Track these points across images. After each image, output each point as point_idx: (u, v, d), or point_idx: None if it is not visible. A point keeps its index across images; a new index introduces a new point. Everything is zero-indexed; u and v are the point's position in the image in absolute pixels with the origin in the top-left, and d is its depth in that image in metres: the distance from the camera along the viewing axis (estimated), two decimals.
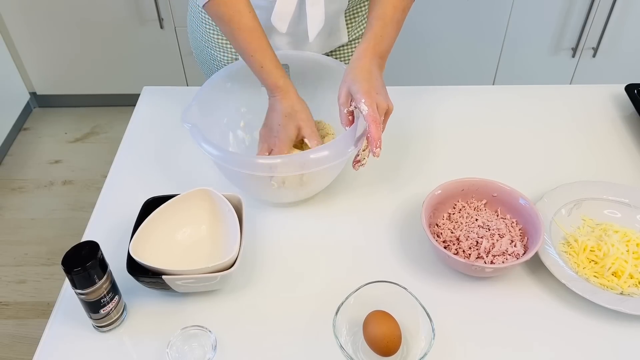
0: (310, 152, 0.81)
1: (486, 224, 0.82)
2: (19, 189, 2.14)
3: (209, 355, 0.71)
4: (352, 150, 0.81)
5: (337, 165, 0.84)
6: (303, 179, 0.84)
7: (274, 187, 0.84)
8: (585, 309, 0.76)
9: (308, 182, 0.85)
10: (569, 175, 0.95)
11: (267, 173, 0.81)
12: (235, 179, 0.88)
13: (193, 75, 2.31)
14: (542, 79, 2.20)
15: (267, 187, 0.85)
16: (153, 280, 0.73)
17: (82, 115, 2.47)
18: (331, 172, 0.88)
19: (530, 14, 2.02)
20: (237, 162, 0.81)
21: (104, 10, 2.11)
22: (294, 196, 0.89)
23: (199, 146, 0.82)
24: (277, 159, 0.82)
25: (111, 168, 0.99)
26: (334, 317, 0.69)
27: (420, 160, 1.00)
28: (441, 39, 2.10)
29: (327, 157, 0.80)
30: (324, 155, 0.80)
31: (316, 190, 0.91)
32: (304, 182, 0.85)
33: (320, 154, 0.80)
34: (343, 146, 0.81)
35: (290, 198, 0.90)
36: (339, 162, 0.82)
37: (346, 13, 1.07)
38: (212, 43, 1.10)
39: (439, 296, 0.78)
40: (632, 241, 0.81)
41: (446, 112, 1.10)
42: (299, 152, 0.88)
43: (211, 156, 0.81)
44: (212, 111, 0.94)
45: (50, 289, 1.79)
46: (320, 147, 0.82)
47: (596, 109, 1.11)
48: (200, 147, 0.82)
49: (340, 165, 0.87)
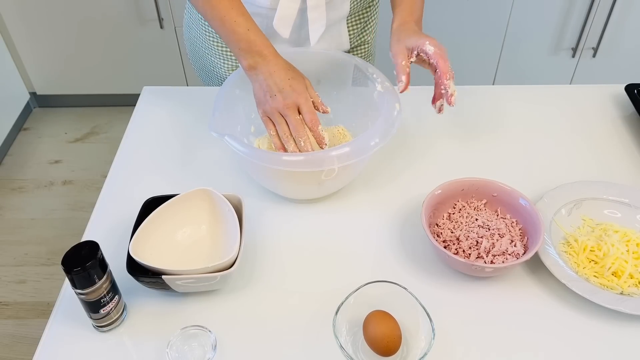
0: (363, 139, 0.81)
1: (486, 224, 0.82)
2: (19, 189, 2.14)
3: (209, 355, 0.71)
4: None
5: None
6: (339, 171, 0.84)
7: (322, 180, 0.84)
8: (585, 309, 0.76)
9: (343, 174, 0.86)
10: (569, 175, 0.95)
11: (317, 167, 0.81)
12: (269, 174, 0.87)
13: (193, 76, 2.31)
14: (542, 79, 2.19)
15: (311, 182, 0.85)
16: (153, 280, 0.73)
17: (82, 115, 2.47)
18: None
19: (530, 14, 2.02)
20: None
21: (104, 10, 2.11)
22: (325, 191, 0.90)
23: (234, 149, 0.82)
24: (344, 147, 0.80)
25: (111, 168, 0.99)
26: (334, 317, 0.69)
27: (420, 160, 1.00)
28: (441, 38, 2.09)
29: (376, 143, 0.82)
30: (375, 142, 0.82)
31: (344, 182, 0.92)
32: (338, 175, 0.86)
33: (372, 140, 0.81)
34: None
35: (317, 194, 0.91)
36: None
37: (348, 20, 1.07)
38: (213, 51, 1.09)
39: (439, 296, 0.78)
40: (632, 241, 0.81)
41: (446, 112, 1.10)
42: (350, 141, 0.86)
43: (246, 155, 0.81)
44: (229, 118, 0.93)
45: (50, 289, 1.79)
46: (367, 135, 0.82)
47: (596, 109, 1.11)
48: (235, 150, 0.82)
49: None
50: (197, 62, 1.17)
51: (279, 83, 0.84)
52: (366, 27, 1.12)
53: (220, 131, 0.84)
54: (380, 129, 0.83)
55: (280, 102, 0.83)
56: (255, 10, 0.95)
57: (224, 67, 1.11)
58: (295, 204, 0.92)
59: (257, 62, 0.85)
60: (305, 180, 0.86)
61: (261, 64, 0.85)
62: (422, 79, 1.03)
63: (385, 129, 0.83)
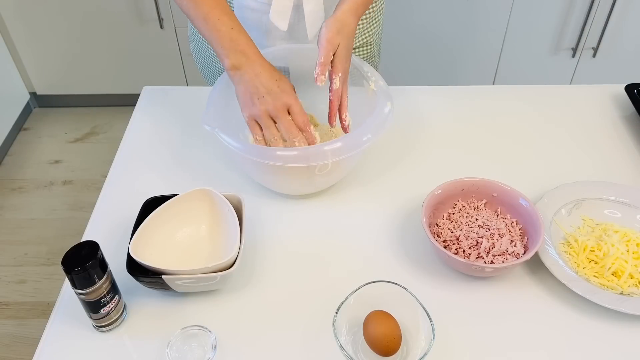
0: (357, 134, 0.82)
1: (486, 224, 0.82)
2: (19, 189, 2.14)
3: (209, 355, 0.71)
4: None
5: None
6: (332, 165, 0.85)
7: (317, 174, 0.85)
8: (585, 309, 0.76)
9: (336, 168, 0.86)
10: (569, 175, 0.95)
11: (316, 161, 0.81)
12: (262, 170, 0.87)
13: (193, 75, 2.31)
14: (542, 79, 2.19)
15: (304, 176, 0.85)
16: (153, 280, 0.73)
17: (82, 115, 2.47)
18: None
19: (530, 14, 2.02)
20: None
21: (104, 10, 2.11)
22: (318, 186, 0.91)
23: (226, 143, 0.82)
24: (336, 142, 0.80)
25: (111, 168, 0.99)
26: (334, 316, 0.69)
27: (420, 160, 1.00)
28: (441, 39, 2.10)
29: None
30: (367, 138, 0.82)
31: (335, 179, 0.92)
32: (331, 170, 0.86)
33: (365, 136, 0.82)
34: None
35: (311, 189, 0.91)
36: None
37: None
38: None
39: (439, 296, 0.78)
40: (632, 241, 0.81)
41: (446, 112, 1.10)
42: (344, 135, 0.86)
43: (238, 150, 0.82)
44: (223, 113, 0.93)
45: (50, 289, 1.79)
46: (359, 130, 0.82)
47: (596, 109, 1.11)
48: (227, 144, 0.82)
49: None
50: (199, 58, 1.17)
51: (267, 84, 0.82)
52: (369, 28, 1.11)
53: (213, 124, 0.84)
54: (372, 125, 0.84)
55: (270, 103, 0.82)
56: (249, 4, 0.94)
57: None
58: (295, 204, 0.92)
59: (241, 63, 0.83)
60: (298, 175, 0.86)
61: (245, 65, 0.83)
62: (423, 78, 1.03)
63: (377, 125, 0.84)
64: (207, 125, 0.84)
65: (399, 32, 2.08)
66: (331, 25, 0.83)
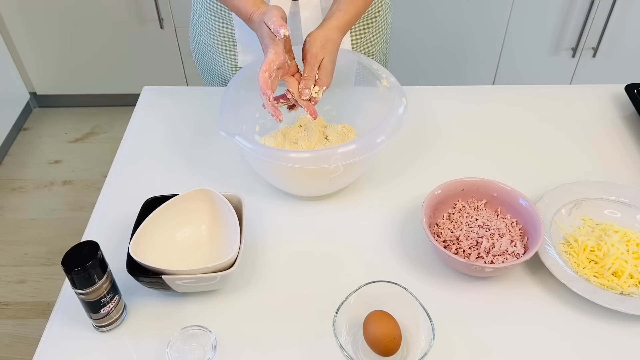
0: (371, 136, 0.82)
1: (486, 224, 0.82)
2: (19, 189, 2.14)
3: (209, 355, 0.71)
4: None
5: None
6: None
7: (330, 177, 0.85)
8: (585, 309, 0.76)
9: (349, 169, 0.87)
10: (569, 175, 0.95)
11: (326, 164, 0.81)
12: (277, 172, 0.88)
13: (193, 76, 2.31)
14: (542, 79, 2.20)
15: (320, 179, 0.86)
16: (153, 280, 0.73)
17: (82, 115, 2.47)
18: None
19: (530, 14, 2.02)
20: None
21: (103, 10, 2.11)
22: (332, 187, 0.91)
23: (246, 149, 0.83)
24: (350, 145, 0.81)
25: (111, 168, 0.99)
26: (334, 316, 0.69)
27: (421, 160, 1.00)
28: (441, 39, 2.10)
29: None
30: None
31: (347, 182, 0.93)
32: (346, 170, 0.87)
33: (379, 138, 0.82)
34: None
35: (325, 190, 0.92)
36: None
37: (352, 31, 1.06)
38: (214, 48, 1.10)
39: (439, 296, 0.78)
40: (632, 241, 0.81)
41: (446, 112, 1.10)
42: (356, 138, 0.87)
43: (258, 154, 0.83)
44: (236, 118, 0.93)
45: (50, 289, 1.79)
46: (374, 132, 0.83)
47: (596, 109, 1.11)
48: (248, 150, 0.83)
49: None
50: (200, 61, 1.17)
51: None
52: (372, 38, 1.11)
53: (229, 131, 0.84)
54: (387, 125, 0.83)
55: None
56: None
57: (225, 66, 1.11)
58: (294, 204, 0.92)
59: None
60: (313, 177, 0.87)
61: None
62: (423, 78, 1.03)
63: (392, 125, 0.84)
64: (224, 132, 0.84)
65: (398, 32, 2.08)
66: (316, 40, 0.86)
